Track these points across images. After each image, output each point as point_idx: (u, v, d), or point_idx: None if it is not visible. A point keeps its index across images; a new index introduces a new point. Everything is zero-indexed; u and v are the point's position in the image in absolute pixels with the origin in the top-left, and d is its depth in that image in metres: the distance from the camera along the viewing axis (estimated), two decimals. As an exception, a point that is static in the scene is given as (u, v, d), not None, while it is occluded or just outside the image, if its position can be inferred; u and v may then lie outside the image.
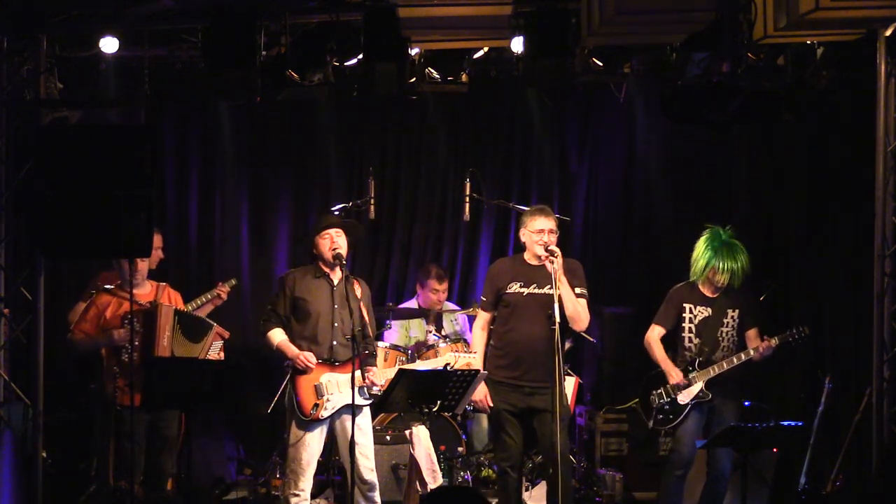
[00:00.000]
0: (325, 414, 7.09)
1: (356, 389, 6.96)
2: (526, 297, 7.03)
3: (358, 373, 6.95)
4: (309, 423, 7.09)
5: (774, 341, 7.36)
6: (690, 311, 7.51)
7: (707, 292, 7.51)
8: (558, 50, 6.86)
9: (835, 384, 8.04)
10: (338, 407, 7.11)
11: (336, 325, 7.14)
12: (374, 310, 7.51)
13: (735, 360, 7.39)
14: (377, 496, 7.15)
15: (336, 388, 7.10)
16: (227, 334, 7.83)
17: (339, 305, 7.15)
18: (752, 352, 7.40)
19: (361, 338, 7.09)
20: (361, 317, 7.11)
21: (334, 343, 7.14)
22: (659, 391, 7.51)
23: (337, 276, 7.22)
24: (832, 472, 7.81)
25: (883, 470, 7.24)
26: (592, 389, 9.14)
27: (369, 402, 7.19)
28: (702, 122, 6.87)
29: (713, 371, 7.38)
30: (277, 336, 7.16)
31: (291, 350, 7.11)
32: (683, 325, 7.52)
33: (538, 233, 7.01)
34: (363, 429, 7.14)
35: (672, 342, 7.57)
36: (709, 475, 7.50)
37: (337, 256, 7.15)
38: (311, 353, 7.09)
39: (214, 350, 7.63)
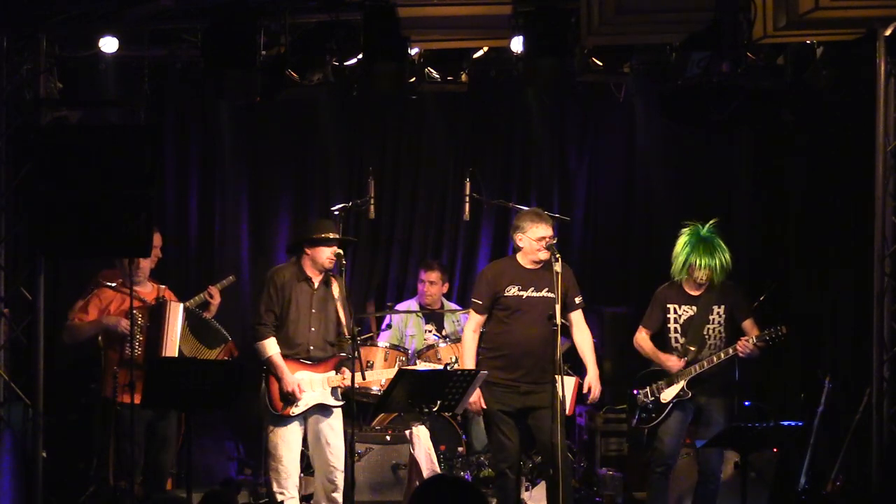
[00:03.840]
0: (295, 411, 7.10)
1: (328, 390, 7.10)
2: (524, 300, 7.05)
3: (332, 373, 7.09)
4: (280, 419, 7.11)
5: (752, 340, 7.28)
6: (675, 311, 7.45)
7: (691, 290, 7.44)
8: (558, 50, 6.87)
9: (835, 384, 8.04)
10: (309, 405, 7.14)
11: (313, 329, 7.18)
12: (375, 311, 7.48)
13: (715, 358, 7.30)
14: (340, 497, 7.14)
15: (309, 386, 7.13)
16: (236, 353, 7.83)
17: (318, 310, 7.19)
18: (731, 350, 7.29)
19: (338, 340, 7.18)
20: (338, 319, 7.15)
21: (311, 348, 7.17)
22: (645, 390, 7.47)
23: (318, 278, 7.23)
24: (832, 472, 7.81)
25: (883, 470, 7.24)
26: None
27: (341, 403, 7.22)
28: (702, 122, 6.86)
29: (694, 370, 7.32)
30: (272, 348, 7.13)
31: (284, 373, 7.07)
32: (669, 325, 7.47)
33: (539, 240, 7.02)
34: (335, 429, 7.17)
35: (660, 343, 7.51)
36: (700, 475, 7.48)
37: (337, 255, 7.15)
38: (298, 390, 7.07)
39: None
